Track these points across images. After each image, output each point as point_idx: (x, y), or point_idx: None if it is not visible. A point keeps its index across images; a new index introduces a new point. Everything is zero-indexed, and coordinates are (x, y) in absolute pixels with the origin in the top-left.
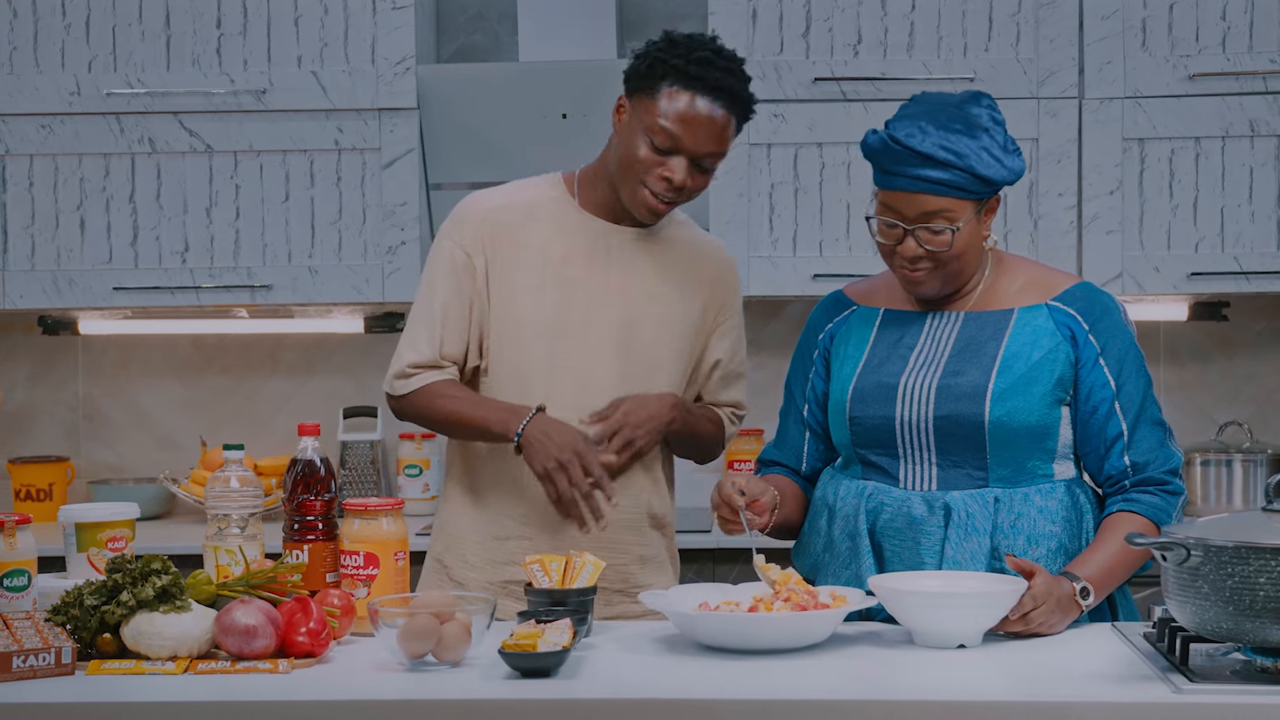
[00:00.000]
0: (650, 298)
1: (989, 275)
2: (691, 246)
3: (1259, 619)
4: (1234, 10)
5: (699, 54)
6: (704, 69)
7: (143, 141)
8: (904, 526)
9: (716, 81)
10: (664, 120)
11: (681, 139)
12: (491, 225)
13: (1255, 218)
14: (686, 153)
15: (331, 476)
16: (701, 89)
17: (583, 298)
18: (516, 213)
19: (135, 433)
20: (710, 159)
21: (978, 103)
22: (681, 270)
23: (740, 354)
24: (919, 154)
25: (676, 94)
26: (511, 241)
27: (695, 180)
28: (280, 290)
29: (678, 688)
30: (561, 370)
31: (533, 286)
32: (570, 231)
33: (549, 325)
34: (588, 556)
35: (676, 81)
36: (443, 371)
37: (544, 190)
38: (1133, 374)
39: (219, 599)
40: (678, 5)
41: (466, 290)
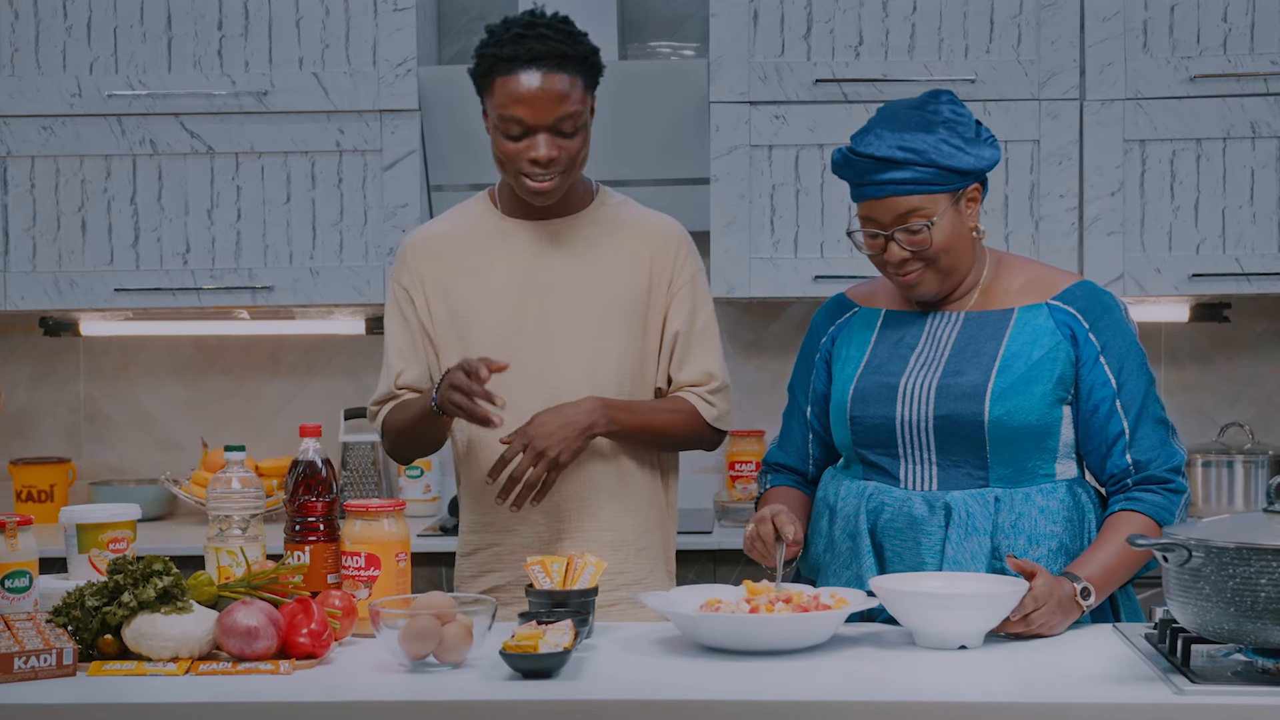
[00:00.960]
0: (587, 284)
1: (989, 275)
2: (626, 225)
3: (1260, 620)
4: (1235, 12)
5: (512, 33)
6: (518, 45)
7: (144, 143)
8: (905, 526)
9: (531, 51)
10: (505, 110)
11: (525, 118)
12: (424, 258)
13: (1256, 219)
14: (537, 129)
15: (333, 478)
16: (522, 65)
17: (519, 299)
18: (447, 239)
19: (136, 434)
20: (564, 123)
21: (936, 100)
22: (616, 250)
23: (701, 319)
24: (878, 159)
25: (505, 80)
26: (445, 267)
27: (567, 147)
28: (281, 291)
29: (679, 689)
30: (515, 374)
31: (472, 302)
32: (498, 240)
33: (490, 332)
34: (589, 557)
35: (501, 68)
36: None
37: (472, 210)
38: (1134, 372)
39: (220, 600)
40: (678, 6)
41: (413, 323)
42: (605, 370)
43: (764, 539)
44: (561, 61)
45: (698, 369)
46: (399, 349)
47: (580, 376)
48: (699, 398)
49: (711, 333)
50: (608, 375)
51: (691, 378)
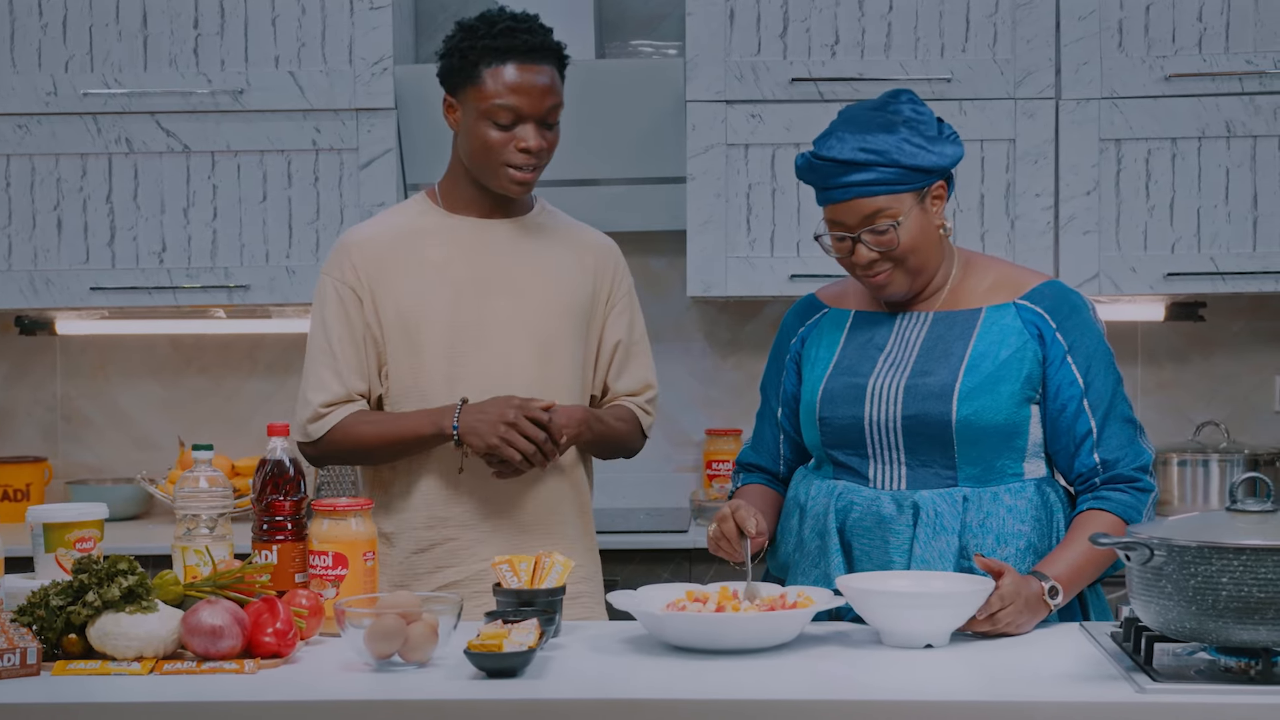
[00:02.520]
0: (537, 283)
1: (957, 275)
2: (567, 234)
3: (1221, 619)
4: (1210, 11)
5: (500, 27)
6: (511, 38)
7: (120, 142)
8: (873, 526)
9: (526, 43)
10: (498, 99)
11: (521, 107)
12: (368, 255)
13: (1231, 218)
14: (530, 118)
15: (301, 477)
16: (517, 56)
17: (472, 295)
18: (390, 236)
19: (113, 433)
20: (551, 114)
21: (897, 100)
22: (563, 256)
23: (639, 329)
24: (840, 162)
25: (498, 70)
26: (391, 264)
27: (548, 138)
28: (258, 290)
29: (644, 688)
30: (464, 369)
31: (421, 297)
32: (446, 236)
33: (444, 329)
34: (557, 556)
35: (494, 59)
36: (354, 404)
37: (412, 209)
38: (1101, 371)
39: (186, 599)
40: (655, 6)
41: (358, 324)
42: (558, 373)
43: (728, 536)
44: (547, 55)
45: (636, 379)
46: (343, 348)
47: (534, 379)
48: (638, 407)
49: (646, 343)
50: (560, 378)
51: (629, 387)
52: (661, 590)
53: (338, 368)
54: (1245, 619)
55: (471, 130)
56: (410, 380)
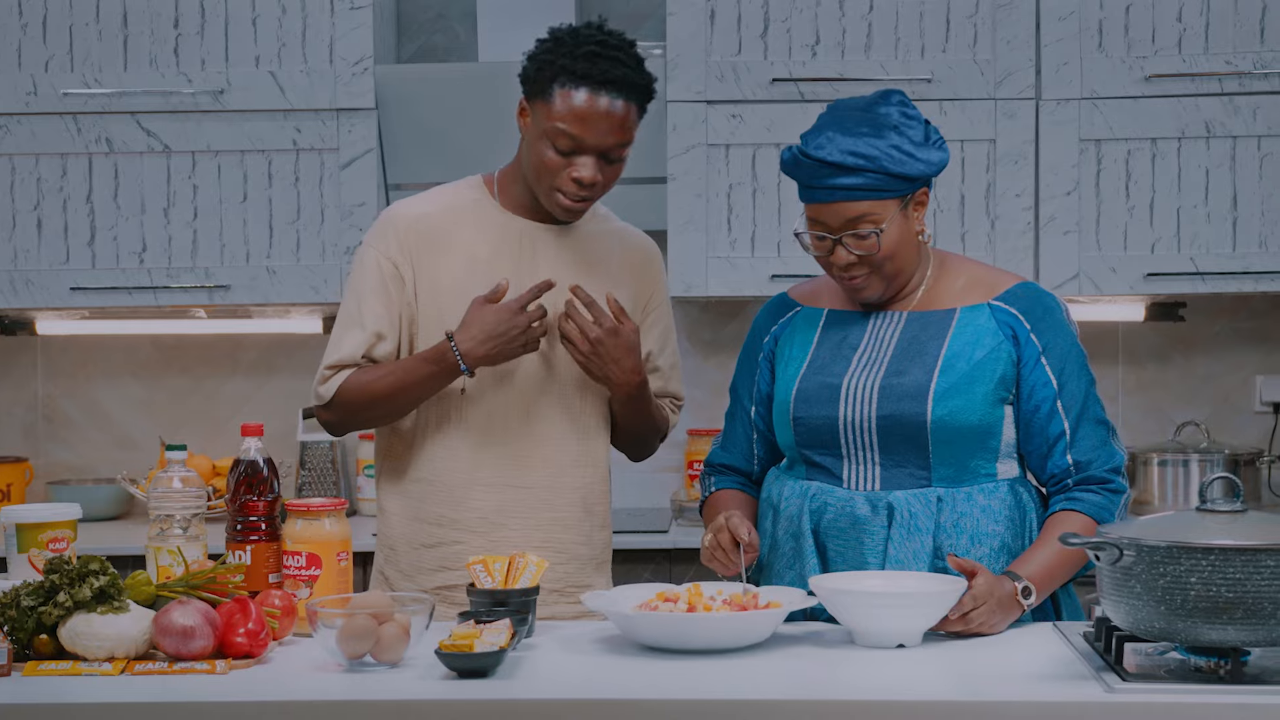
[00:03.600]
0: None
1: (931, 275)
2: (615, 239)
3: (1190, 618)
4: (1190, 12)
5: (585, 49)
6: (591, 63)
7: (100, 141)
8: (847, 526)
9: (605, 74)
10: (561, 123)
11: (583, 138)
12: (416, 234)
13: (1211, 219)
14: (590, 150)
15: (275, 477)
16: (592, 84)
17: (510, 297)
18: (439, 219)
19: (95, 433)
20: (616, 150)
21: (887, 101)
22: (606, 264)
23: (670, 345)
24: (828, 164)
25: (569, 94)
26: (436, 248)
27: (606, 173)
28: (238, 290)
29: (615, 688)
30: (492, 371)
31: (460, 289)
32: (493, 232)
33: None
34: (530, 557)
35: (567, 81)
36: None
37: (465, 193)
38: (1074, 373)
39: (159, 600)
40: (637, 5)
41: (396, 301)
42: (588, 385)
43: (724, 547)
44: (628, 89)
45: (670, 389)
46: (377, 317)
47: (564, 382)
48: (669, 407)
49: (677, 356)
50: (590, 390)
51: (666, 391)
52: (635, 590)
53: (365, 334)
54: (1214, 619)
55: (533, 144)
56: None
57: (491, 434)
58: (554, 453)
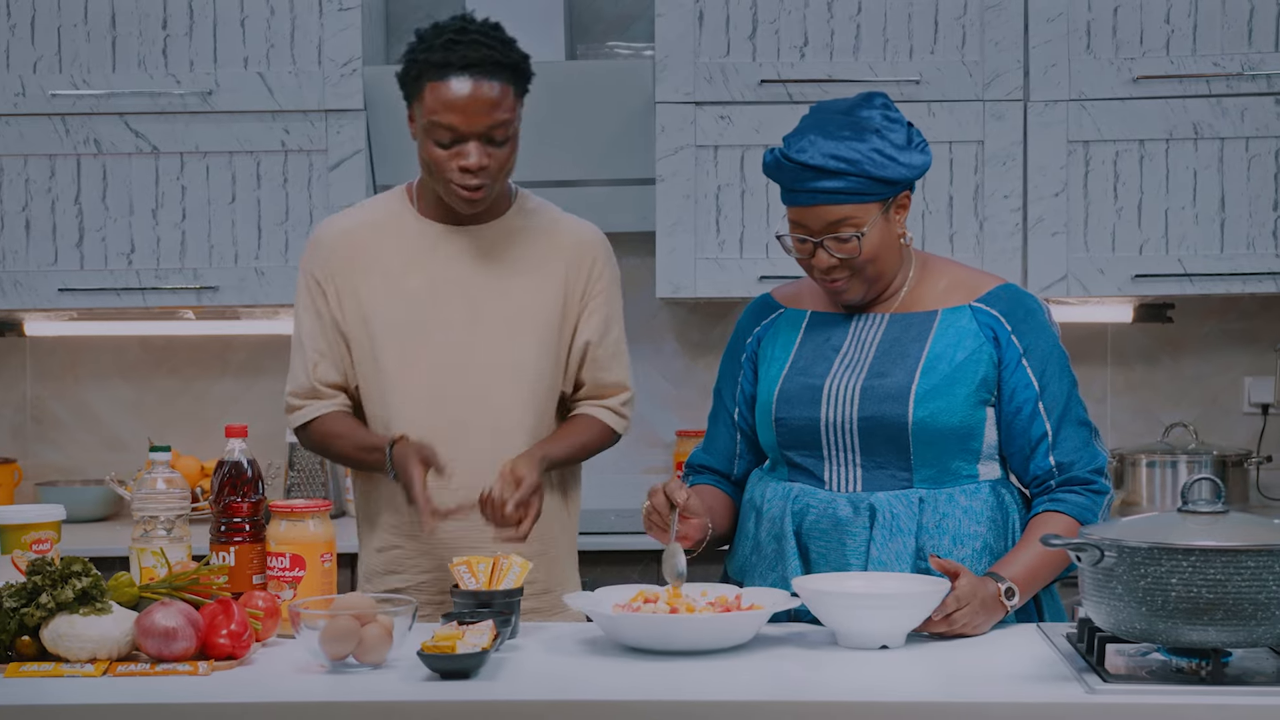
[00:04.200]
0: (498, 293)
1: (913, 277)
2: (543, 233)
3: (1171, 619)
4: (1177, 14)
5: (444, 39)
6: (450, 51)
7: (88, 143)
8: (830, 528)
9: (465, 58)
10: (436, 116)
11: (457, 125)
12: (338, 250)
13: (1199, 220)
14: (469, 136)
15: (259, 478)
16: (455, 71)
17: (427, 304)
18: (362, 232)
19: (83, 435)
20: (496, 131)
21: (870, 104)
22: (531, 259)
23: (612, 334)
24: (810, 167)
25: (436, 86)
26: (357, 262)
27: (495, 157)
28: (227, 292)
29: (598, 689)
30: (414, 380)
31: (379, 302)
32: (411, 241)
33: (397, 337)
34: (515, 558)
35: (433, 74)
36: (327, 402)
37: (388, 205)
38: (1056, 374)
39: (142, 601)
40: (624, 7)
41: (326, 317)
42: (518, 377)
43: (658, 509)
44: (494, 69)
45: (611, 380)
46: (313, 340)
47: (487, 385)
48: (611, 411)
49: (622, 344)
50: (521, 386)
51: (605, 389)
52: (619, 591)
53: (307, 361)
54: (1194, 620)
55: (421, 144)
56: (372, 378)
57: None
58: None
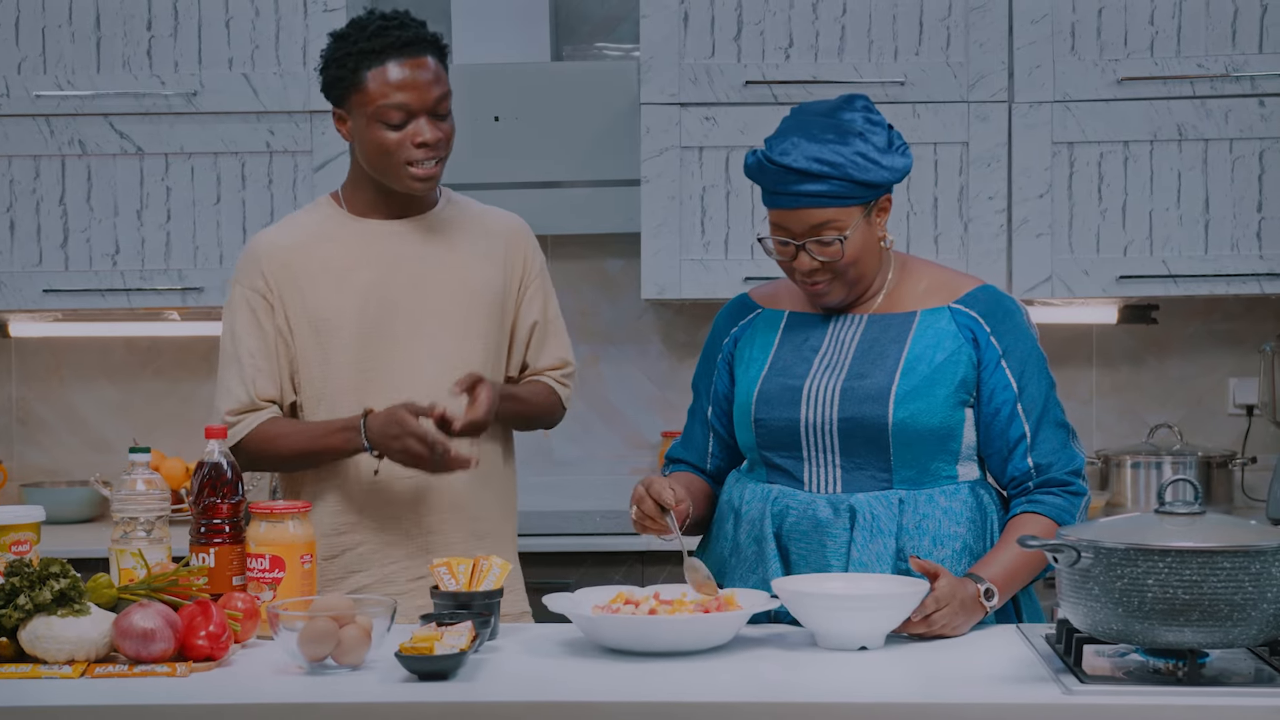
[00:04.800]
0: (446, 281)
1: (893, 278)
2: (474, 223)
3: (1147, 620)
4: (1162, 15)
5: (372, 28)
6: (383, 37)
7: (73, 143)
8: (810, 529)
9: (400, 39)
10: (385, 100)
11: (409, 103)
12: (277, 261)
13: (1183, 221)
14: (420, 112)
15: (239, 479)
16: (395, 54)
17: (378, 300)
18: (298, 242)
19: (69, 436)
20: (440, 105)
21: (851, 106)
22: (471, 245)
23: (553, 308)
24: (793, 170)
25: (379, 72)
26: (300, 269)
27: (443, 129)
28: (211, 292)
29: (576, 690)
30: (373, 374)
31: (329, 303)
32: (351, 241)
33: (352, 334)
34: (494, 559)
35: (372, 62)
36: (263, 412)
37: (317, 213)
38: (1035, 376)
39: (120, 603)
40: (610, 8)
41: (269, 330)
42: (472, 364)
43: (651, 515)
44: (425, 46)
45: (555, 355)
46: (252, 355)
47: (447, 371)
48: (556, 381)
49: (561, 321)
50: (474, 369)
51: (549, 364)
52: (598, 593)
53: (244, 375)
54: (1170, 620)
55: (365, 136)
56: (321, 385)
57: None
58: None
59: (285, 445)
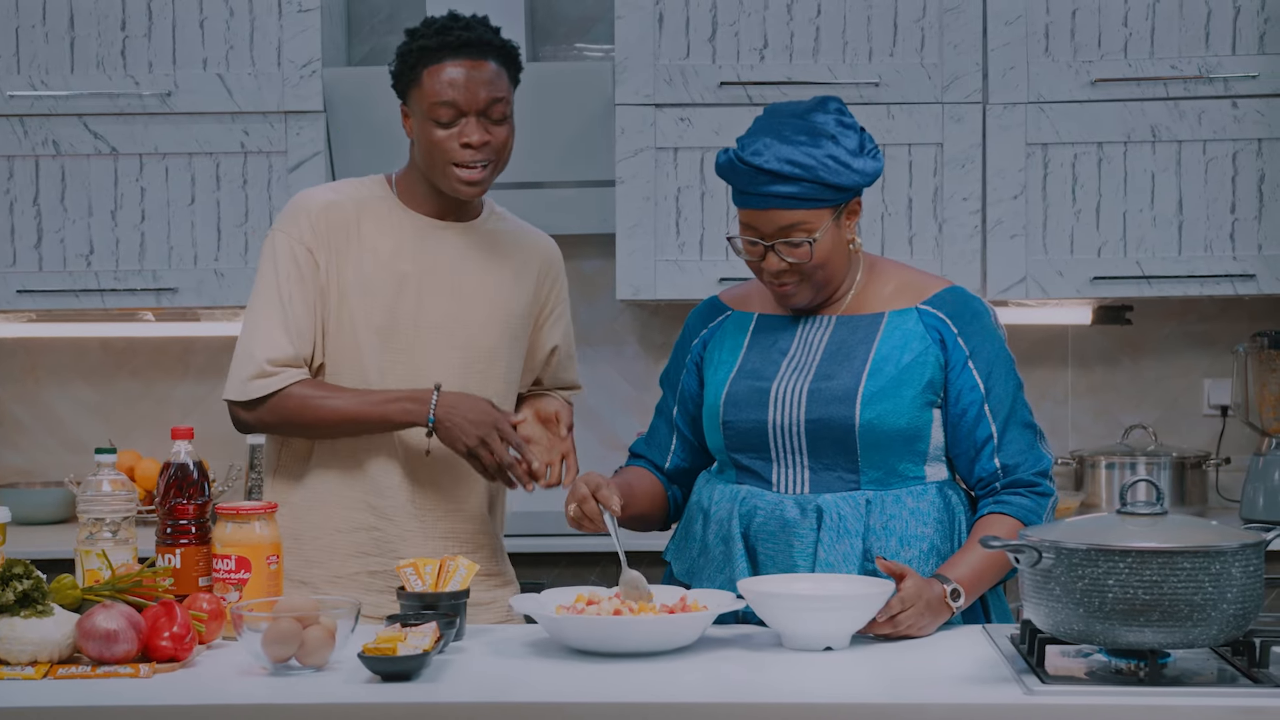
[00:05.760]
0: (480, 289)
1: (860, 279)
2: (515, 238)
3: (1108, 620)
4: (1135, 17)
5: (435, 27)
6: (444, 36)
7: (47, 144)
8: (777, 529)
9: (459, 39)
10: (436, 98)
11: (458, 101)
12: (327, 222)
13: (1157, 222)
14: (469, 112)
15: (205, 480)
16: (451, 53)
17: (413, 294)
18: (348, 210)
19: (44, 437)
20: (494, 107)
21: (824, 109)
22: (508, 262)
23: (571, 337)
24: (764, 171)
25: (434, 70)
26: (345, 238)
27: (494, 133)
28: (186, 293)
29: (539, 691)
30: (397, 367)
31: (363, 285)
32: (397, 229)
33: (381, 323)
34: (461, 560)
35: (429, 59)
36: (301, 371)
37: (370, 189)
38: (1002, 377)
39: (84, 604)
40: (586, 9)
41: (310, 286)
42: (492, 383)
43: (590, 516)
44: (486, 49)
45: (568, 379)
46: (294, 306)
47: (470, 377)
48: (564, 400)
49: (573, 345)
50: (493, 384)
51: (561, 385)
52: (563, 593)
53: (289, 324)
54: (1131, 621)
55: (420, 133)
56: (340, 359)
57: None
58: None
59: (331, 406)
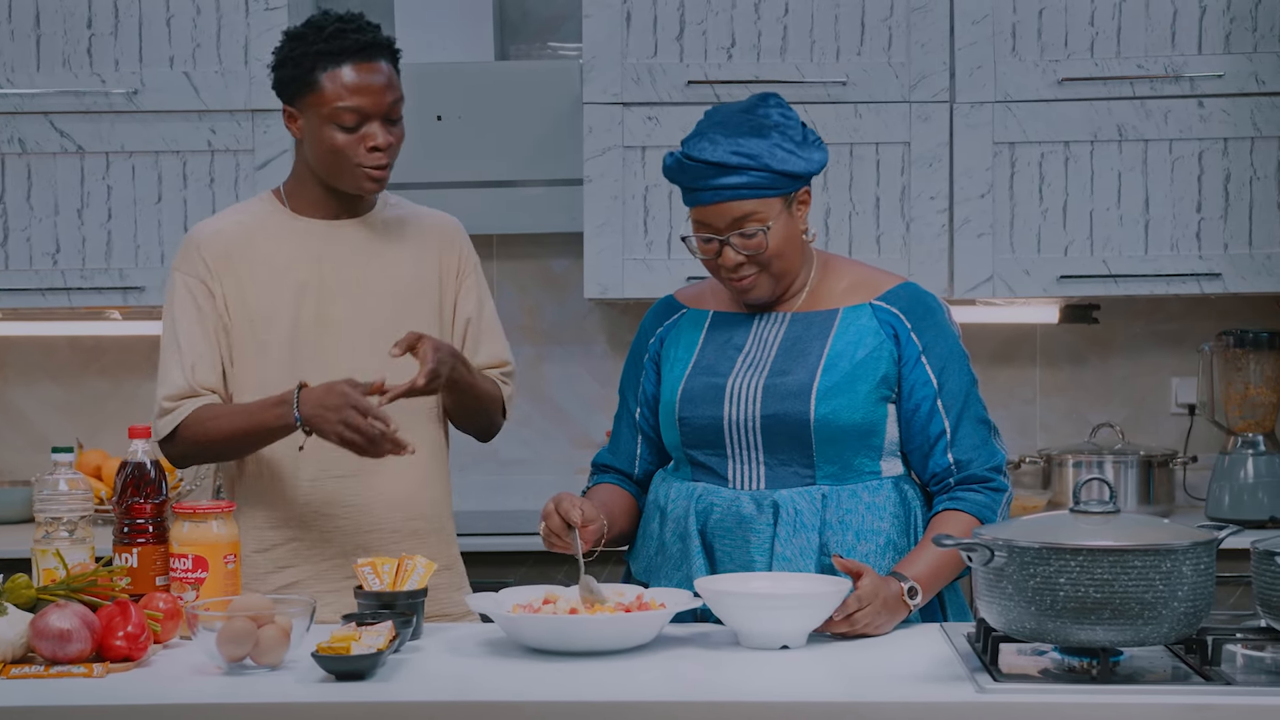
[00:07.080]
0: (382, 279)
1: (815, 276)
2: (410, 223)
3: (1060, 619)
4: (1102, 16)
5: (329, 30)
6: (342, 39)
7: (13, 142)
8: (734, 526)
9: (358, 43)
10: (340, 102)
11: (364, 106)
12: (218, 251)
13: (1123, 221)
14: (374, 116)
15: (163, 479)
16: (352, 57)
17: (313, 299)
18: (238, 234)
19: (12, 436)
20: (394, 110)
21: (765, 103)
22: (406, 247)
23: (488, 308)
24: (713, 164)
25: (335, 74)
26: (239, 262)
27: (394, 134)
28: (152, 292)
29: (494, 690)
30: (313, 375)
31: (267, 301)
32: (291, 239)
33: (287, 335)
34: (419, 559)
35: (329, 64)
36: (200, 399)
37: (258, 208)
38: (955, 373)
39: (39, 603)
40: (555, 7)
41: (210, 318)
42: (408, 365)
43: (556, 532)
44: (380, 51)
45: (493, 354)
46: (192, 342)
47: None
48: (498, 379)
49: (497, 321)
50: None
51: (488, 361)
52: (521, 592)
53: (184, 363)
54: (1082, 619)
55: (317, 136)
56: (254, 378)
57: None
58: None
59: (219, 427)
